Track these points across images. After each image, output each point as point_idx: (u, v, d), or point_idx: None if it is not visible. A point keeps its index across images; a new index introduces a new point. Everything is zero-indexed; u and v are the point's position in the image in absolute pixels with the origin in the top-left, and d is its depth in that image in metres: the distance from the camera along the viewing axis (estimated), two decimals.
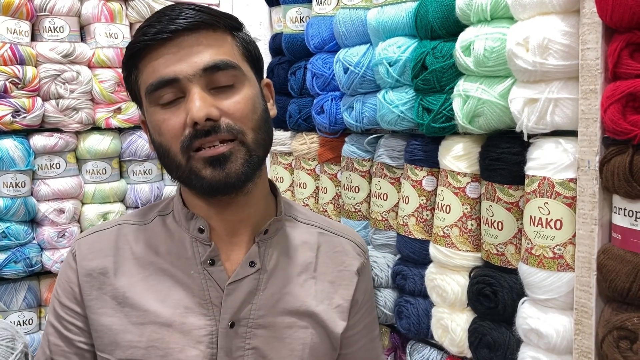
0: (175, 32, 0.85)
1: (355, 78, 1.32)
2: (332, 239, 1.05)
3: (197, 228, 0.92)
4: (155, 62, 0.86)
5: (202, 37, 0.87)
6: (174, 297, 0.90)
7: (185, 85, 0.85)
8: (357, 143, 1.41)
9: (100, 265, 0.92)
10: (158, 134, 0.88)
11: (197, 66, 0.85)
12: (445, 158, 1.14)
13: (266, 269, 0.94)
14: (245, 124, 0.87)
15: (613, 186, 0.82)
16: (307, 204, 1.61)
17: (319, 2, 1.47)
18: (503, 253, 1.05)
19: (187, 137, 0.84)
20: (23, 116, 1.86)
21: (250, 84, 0.90)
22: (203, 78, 0.85)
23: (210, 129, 0.84)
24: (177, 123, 0.85)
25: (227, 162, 0.85)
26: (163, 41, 0.85)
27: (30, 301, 1.96)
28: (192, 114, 0.82)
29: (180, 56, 0.85)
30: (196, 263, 0.91)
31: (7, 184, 1.87)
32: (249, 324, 0.91)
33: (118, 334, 0.89)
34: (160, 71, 0.85)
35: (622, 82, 0.80)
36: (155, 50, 0.86)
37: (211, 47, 0.87)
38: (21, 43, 1.87)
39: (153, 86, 0.85)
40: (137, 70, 0.89)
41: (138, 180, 2.16)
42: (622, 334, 0.82)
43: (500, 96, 1.00)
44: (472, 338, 1.10)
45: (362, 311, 1.07)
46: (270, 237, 0.97)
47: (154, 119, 0.88)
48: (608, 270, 0.83)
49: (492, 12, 1.00)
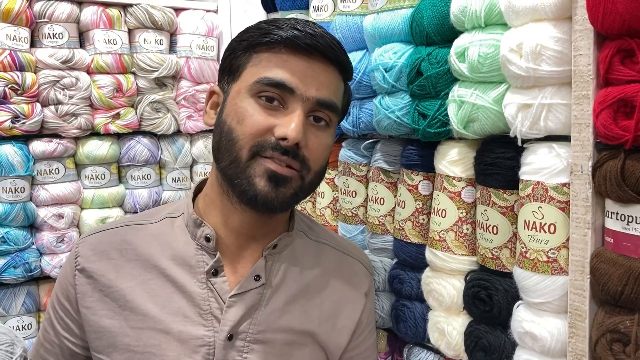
0: (315, 49, 0.85)
1: (351, 83, 1.33)
2: (341, 258, 1.05)
3: (204, 236, 0.91)
4: (283, 61, 0.85)
5: (331, 72, 0.90)
6: (174, 305, 0.89)
7: (295, 101, 0.85)
8: (354, 148, 1.42)
9: (103, 267, 0.92)
10: (237, 121, 0.86)
11: (317, 94, 0.86)
12: (441, 163, 1.15)
13: (271, 284, 0.93)
14: (314, 165, 0.89)
15: (605, 190, 0.83)
16: (305, 209, 1.62)
17: (316, 8, 1.48)
18: (498, 257, 1.06)
19: (266, 142, 0.84)
20: (22, 122, 1.87)
21: (334, 132, 0.93)
22: (312, 106, 0.86)
23: (290, 151, 0.84)
24: (263, 124, 0.84)
25: (284, 185, 0.86)
26: (301, 48, 0.85)
27: (29, 306, 1.97)
28: (288, 131, 0.82)
29: (308, 74, 0.86)
30: (199, 272, 0.90)
31: (6, 189, 1.88)
32: (247, 338, 0.90)
33: (116, 337, 0.88)
34: (283, 73, 0.85)
35: (614, 88, 0.81)
36: (287, 50, 0.86)
37: (331, 85, 0.90)
38: (20, 49, 1.88)
39: (270, 81, 0.84)
40: (255, 54, 0.87)
41: (137, 185, 2.17)
42: (615, 337, 0.82)
43: (495, 102, 1.01)
44: (468, 341, 1.11)
45: (366, 332, 1.07)
46: (279, 252, 0.96)
47: (241, 105, 0.86)
48: (601, 273, 0.84)
49: (486, 19, 1.01)
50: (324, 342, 0.96)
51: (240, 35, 0.92)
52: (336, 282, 1.01)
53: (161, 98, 2.16)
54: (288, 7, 1.60)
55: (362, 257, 1.10)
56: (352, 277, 1.04)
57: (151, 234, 0.94)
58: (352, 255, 1.07)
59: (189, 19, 2.20)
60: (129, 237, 0.94)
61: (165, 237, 0.94)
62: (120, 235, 0.95)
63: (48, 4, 1.94)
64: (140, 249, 0.92)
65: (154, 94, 2.14)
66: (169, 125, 2.19)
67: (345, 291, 1.02)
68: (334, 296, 1.00)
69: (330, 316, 0.98)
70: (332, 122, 0.91)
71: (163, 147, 2.21)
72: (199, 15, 2.22)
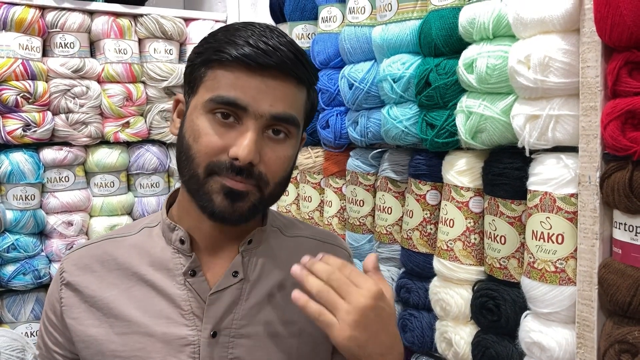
0: (270, 67, 0.85)
1: (360, 94, 1.34)
2: (318, 245, 1.06)
3: (179, 239, 0.94)
4: (235, 79, 0.85)
5: (287, 84, 0.88)
6: (155, 308, 0.92)
7: (248, 118, 0.85)
8: (361, 157, 1.42)
9: (86, 279, 0.95)
10: (193, 138, 0.87)
11: (271, 110, 0.86)
12: (449, 173, 1.15)
13: (249, 279, 0.95)
14: (273, 178, 0.89)
15: (613, 201, 0.84)
16: (312, 217, 1.63)
17: (325, 19, 1.49)
18: (506, 267, 1.06)
19: (221, 163, 0.85)
20: (33, 130, 1.89)
21: (295, 142, 0.93)
22: (266, 121, 0.87)
23: (244, 170, 0.85)
24: (217, 145, 0.85)
25: (240, 199, 0.86)
26: (254, 68, 0.85)
27: (38, 313, 1.98)
28: (239, 152, 0.83)
29: (261, 90, 0.85)
30: (177, 274, 0.93)
31: (17, 196, 1.89)
32: (231, 334, 0.92)
33: (103, 344, 0.92)
34: (236, 91, 0.85)
35: (622, 100, 0.82)
36: (240, 67, 0.85)
37: (288, 98, 0.88)
38: (32, 58, 1.91)
39: (222, 99, 0.84)
40: (210, 69, 0.88)
41: (145, 193, 2.18)
42: (624, 347, 0.82)
43: (503, 112, 1.02)
44: (475, 351, 1.11)
45: None
46: (255, 247, 0.98)
47: (197, 123, 0.87)
48: (609, 284, 0.84)
49: (494, 31, 1.02)
50: (310, 331, 0.97)
51: (198, 47, 0.93)
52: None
53: (170, 107, 2.18)
54: (297, 18, 1.62)
55: (341, 243, 1.10)
56: None
57: (130, 245, 0.98)
58: (330, 242, 1.08)
59: (199, 29, 2.23)
60: (109, 249, 0.98)
61: (143, 246, 0.97)
62: (101, 249, 0.99)
63: (60, 14, 1.96)
64: (120, 259, 0.96)
65: (163, 103, 2.17)
66: None
67: None
68: None
69: None
70: (292, 134, 0.91)
71: (172, 156, 2.23)
72: (208, 26, 2.25)
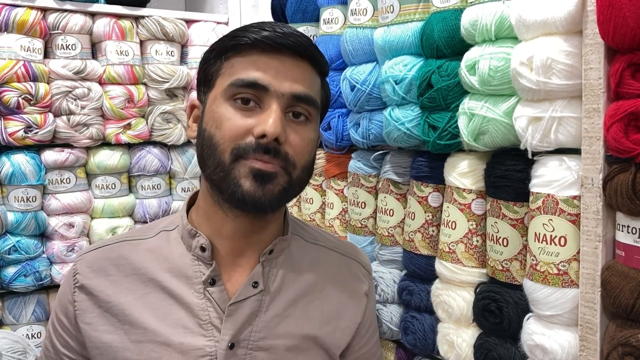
0: (285, 47, 0.86)
1: (361, 95, 1.34)
2: (339, 259, 1.05)
3: (200, 246, 0.92)
4: (253, 62, 0.86)
5: (304, 66, 0.89)
6: (173, 317, 0.89)
7: (270, 98, 0.85)
8: (363, 159, 1.42)
9: (101, 283, 0.92)
10: (216, 126, 0.86)
11: (291, 89, 0.86)
12: (451, 175, 1.15)
13: (269, 290, 0.93)
14: (299, 161, 0.88)
15: (616, 203, 0.84)
16: (314, 219, 1.62)
17: (327, 21, 1.49)
18: (508, 269, 1.06)
19: (247, 144, 0.84)
20: (35, 132, 1.90)
21: (316, 125, 0.93)
22: (288, 101, 0.86)
23: (272, 149, 0.84)
24: (241, 126, 0.85)
25: (270, 181, 0.85)
26: (270, 48, 0.85)
27: (39, 315, 1.98)
28: (266, 127, 0.82)
29: (279, 71, 0.86)
30: (197, 282, 0.91)
31: (18, 198, 1.90)
32: (249, 346, 0.90)
33: (118, 352, 0.89)
34: (255, 73, 0.85)
35: (624, 102, 0.82)
36: (257, 51, 0.86)
37: (305, 80, 0.89)
38: (34, 60, 1.91)
39: (242, 82, 0.85)
40: (227, 60, 0.88)
41: (147, 195, 2.18)
42: (627, 350, 0.82)
43: (505, 114, 1.01)
44: (477, 354, 1.11)
45: (370, 331, 1.07)
46: (276, 257, 0.96)
47: (218, 110, 0.87)
48: (612, 286, 0.84)
49: (496, 32, 1.02)
50: (327, 345, 0.96)
51: (212, 45, 0.94)
52: (336, 284, 1.01)
53: (172, 109, 2.18)
54: (298, 19, 1.62)
55: (359, 257, 1.10)
56: (351, 278, 1.04)
57: (147, 249, 0.95)
58: (350, 256, 1.07)
59: (200, 31, 2.23)
60: (125, 253, 0.95)
61: (161, 251, 0.94)
62: (116, 252, 0.95)
63: (62, 15, 1.97)
64: (137, 264, 0.93)
65: (164, 105, 2.17)
66: (179, 136, 2.21)
67: (346, 293, 1.02)
68: (335, 298, 1.00)
69: (331, 318, 0.98)
70: (312, 116, 0.91)
71: (173, 158, 2.23)
72: (209, 27, 2.25)
